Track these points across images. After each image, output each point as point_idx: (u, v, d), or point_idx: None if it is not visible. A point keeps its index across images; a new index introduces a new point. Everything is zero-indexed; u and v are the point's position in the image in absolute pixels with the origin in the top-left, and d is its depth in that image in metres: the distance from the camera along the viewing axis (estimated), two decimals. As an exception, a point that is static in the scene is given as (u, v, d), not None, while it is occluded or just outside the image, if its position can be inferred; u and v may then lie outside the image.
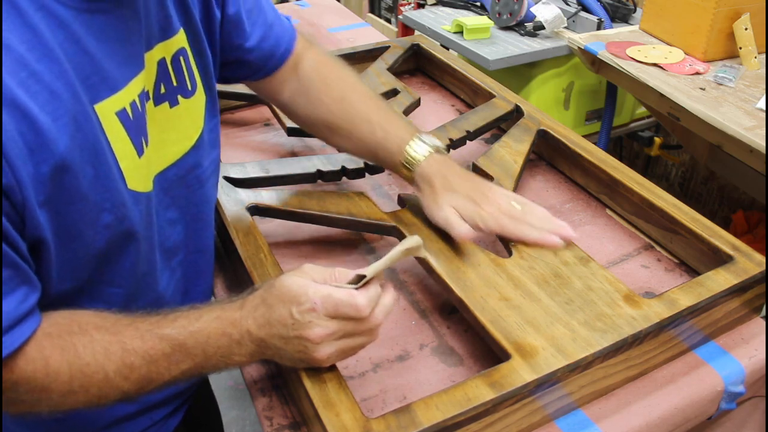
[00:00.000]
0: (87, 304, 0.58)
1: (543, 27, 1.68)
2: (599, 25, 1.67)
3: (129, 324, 0.56)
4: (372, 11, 3.35)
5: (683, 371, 0.69)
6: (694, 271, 0.81)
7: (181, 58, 0.66)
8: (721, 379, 0.68)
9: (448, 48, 1.64)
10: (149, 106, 0.61)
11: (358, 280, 0.58)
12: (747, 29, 1.40)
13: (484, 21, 1.69)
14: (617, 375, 0.66)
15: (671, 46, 1.51)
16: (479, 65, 1.58)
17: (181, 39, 0.66)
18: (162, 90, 0.63)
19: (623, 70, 1.43)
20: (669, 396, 0.66)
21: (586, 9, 1.73)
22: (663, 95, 1.34)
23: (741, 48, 1.42)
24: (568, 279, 0.71)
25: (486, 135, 1.07)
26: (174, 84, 0.65)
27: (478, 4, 1.87)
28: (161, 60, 0.63)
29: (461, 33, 1.71)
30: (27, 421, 0.65)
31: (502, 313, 0.67)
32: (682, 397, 0.66)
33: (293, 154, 1.09)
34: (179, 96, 0.66)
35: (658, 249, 0.86)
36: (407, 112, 1.09)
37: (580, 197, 0.97)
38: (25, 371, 0.51)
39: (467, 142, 1.01)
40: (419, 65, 1.36)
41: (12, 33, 0.47)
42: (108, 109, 0.54)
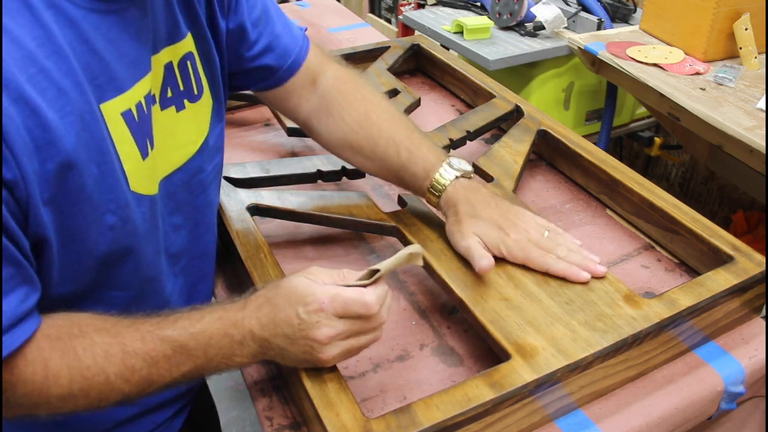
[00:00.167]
0: (89, 307, 0.57)
1: (543, 27, 1.68)
2: (599, 26, 1.67)
3: (129, 325, 0.56)
4: (372, 11, 3.35)
5: (683, 371, 0.69)
6: (694, 271, 0.81)
7: (189, 62, 0.66)
8: (721, 379, 0.68)
9: (448, 48, 1.64)
10: (156, 109, 0.61)
11: (370, 275, 0.58)
12: (747, 29, 1.40)
13: (484, 21, 1.69)
14: (617, 375, 0.66)
15: (671, 46, 1.51)
16: (479, 65, 1.58)
17: (189, 43, 0.65)
18: (169, 94, 0.63)
19: (623, 70, 1.43)
20: (669, 396, 0.66)
21: (586, 9, 1.73)
22: (663, 95, 1.34)
23: (741, 48, 1.42)
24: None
25: (486, 135, 1.07)
26: (181, 88, 0.65)
27: (478, 4, 1.87)
28: (168, 64, 0.63)
29: (461, 33, 1.71)
30: (26, 424, 0.65)
31: (502, 313, 0.67)
32: (682, 397, 0.66)
33: (293, 154, 1.09)
34: (186, 100, 0.66)
35: (658, 249, 0.86)
36: (407, 112, 1.09)
37: (580, 197, 0.97)
38: (24, 373, 0.51)
39: (467, 142, 1.01)
40: (419, 65, 1.36)
41: (23, 29, 0.47)
42: (114, 110, 0.54)
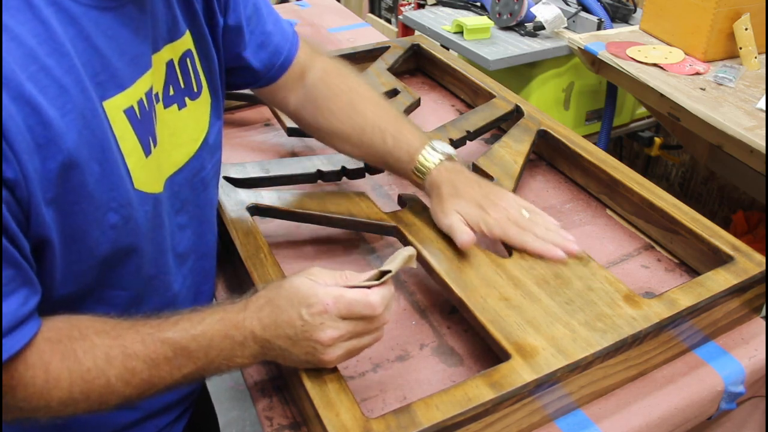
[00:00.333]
0: (90, 307, 0.57)
1: (543, 27, 1.68)
2: (599, 26, 1.67)
3: (130, 328, 0.55)
4: (372, 11, 3.35)
5: (683, 371, 0.69)
6: (694, 271, 0.81)
7: (188, 59, 0.66)
8: (721, 379, 0.68)
9: (448, 48, 1.64)
10: (159, 107, 0.61)
11: (380, 276, 0.58)
12: (747, 29, 1.40)
13: (484, 21, 1.69)
14: (617, 375, 0.66)
15: (671, 46, 1.51)
16: (479, 65, 1.58)
17: (187, 41, 0.65)
18: (171, 92, 0.63)
19: (623, 70, 1.43)
20: (669, 396, 0.66)
21: (586, 9, 1.73)
22: (663, 95, 1.34)
23: (741, 48, 1.42)
24: (568, 279, 0.71)
25: (486, 135, 1.07)
26: (182, 86, 0.65)
27: (478, 4, 1.87)
28: (169, 61, 0.63)
29: (461, 33, 1.71)
30: (26, 427, 0.64)
31: (502, 313, 0.67)
32: (682, 397, 0.66)
33: (293, 154, 1.09)
34: (187, 98, 0.66)
35: (658, 249, 0.86)
36: (407, 112, 1.09)
37: (580, 197, 0.97)
38: (24, 377, 0.50)
39: (467, 142, 1.01)
40: (419, 65, 1.36)
41: (23, 26, 0.47)
42: (116, 107, 0.54)
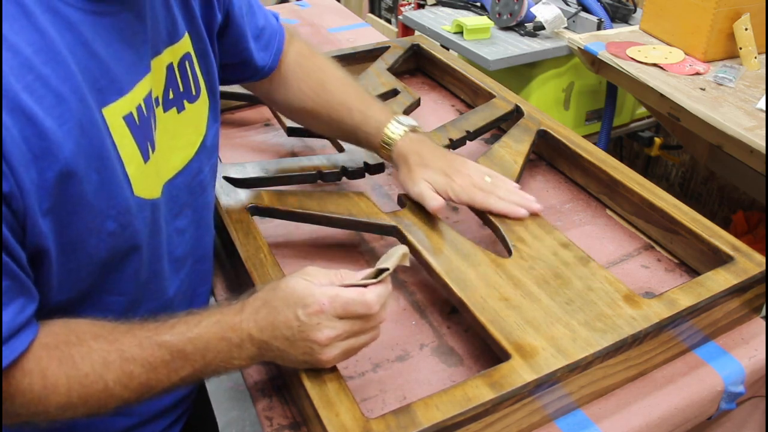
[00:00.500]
0: (87, 312, 0.57)
1: (543, 27, 1.68)
2: (599, 26, 1.67)
3: (127, 332, 0.55)
4: (372, 11, 3.35)
5: (683, 371, 0.69)
6: (694, 272, 0.81)
7: (187, 62, 0.66)
8: (721, 379, 0.68)
9: (448, 48, 1.64)
10: (159, 112, 0.61)
11: (377, 274, 0.58)
12: (747, 29, 1.40)
13: (484, 21, 1.69)
14: (617, 375, 0.66)
15: (671, 46, 1.51)
16: (479, 65, 1.58)
17: (186, 43, 0.65)
18: (171, 95, 0.63)
19: (623, 70, 1.43)
20: (669, 396, 0.66)
21: (586, 9, 1.73)
22: (663, 95, 1.34)
23: (741, 48, 1.42)
24: (568, 279, 0.71)
25: (486, 135, 1.07)
26: (181, 89, 0.65)
27: (478, 4, 1.87)
28: (170, 65, 0.62)
29: (461, 33, 1.71)
30: (24, 431, 0.64)
31: (502, 313, 0.67)
32: (682, 398, 0.66)
33: (293, 154, 1.09)
34: (185, 101, 0.66)
35: (658, 249, 0.86)
36: (407, 112, 1.09)
37: (580, 197, 0.97)
38: (22, 383, 0.50)
39: (467, 142, 1.01)
40: (419, 65, 1.36)
41: (19, 35, 0.46)
42: (116, 113, 0.54)
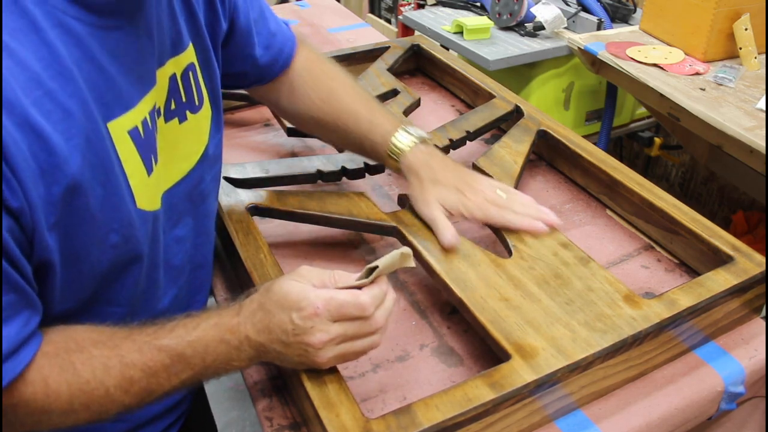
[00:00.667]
0: (85, 322, 0.57)
1: (543, 27, 1.68)
2: (599, 26, 1.67)
3: (126, 337, 0.55)
4: (372, 11, 3.35)
5: (683, 371, 0.69)
6: (694, 272, 0.81)
7: (191, 73, 0.65)
8: (721, 380, 0.68)
9: (448, 48, 1.64)
10: (160, 122, 0.61)
11: (368, 273, 0.58)
12: (747, 29, 1.40)
13: (484, 21, 1.69)
14: (617, 375, 0.66)
15: (671, 46, 1.51)
16: (479, 65, 1.58)
17: (191, 54, 0.65)
18: (173, 106, 0.63)
19: (623, 70, 1.43)
20: (669, 396, 0.66)
21: (586, 9, 1.73)
22: (663, 95, 1.34)
23: (741, 48, 1.42)
24: (568, 279, 0.71)
25: (486, 135, 1.07)
26: (183, 100, 0.65)
27: (478, 4, 1.87)
28: (172, 76, 0.62)
29: (461, 33, 1.71)
30: None
31: (502, 314, 0.67)
32: (682, 398, 0.66)
33: (293, 154, 1.09)
34: (187, 111, 0.65)
35: (658, 249, 0.86)
36: (407, 112, 1.09)
37: (580, 197, 0.97)
38: (24, 394, 0.51)
39: (467, 142, 1.01)
40: (419, 65, 1.36)
41: (28, 50, 0.46)
42: (121, 128, 0.54)
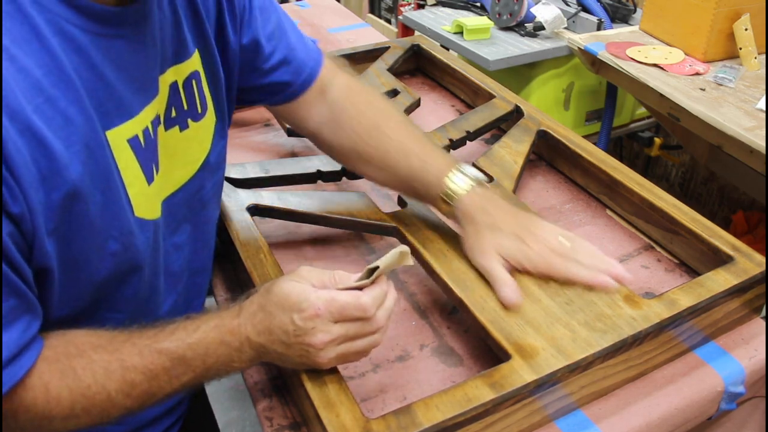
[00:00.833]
0: (85, 327, 0.57)
1: (543, 27, 1.68)
2: (599, 26, 1.67)
3: (126, 340, 0.55)
4: (372, 12, 3.35)
5: (683, 372, 0.69)
6: (694, 272, 0.81)
7: (194, 81, 0.65)
8: (721, 380, 0.68)
9: (448, 48, 1.64)
10: (160, 130, 0.61)
11: (369, 274, 0.57)
12: (747, 30, 1.40)
13: (484, 21, 1.69)
14: (617, 375, 0.66)
15: (671, 46, 1.51)
16: (479, 66, 1.58)
17: (195, 61, 0.65)
18: (173, 114, 0.63)
19: (623, 70, 1.43)
20: (669, 396, 0.66)
21: (586, 9, 1.73)
22: (663, 96, 1.34)
23: (741, 48, 1.42)
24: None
25: (486, 135, 1.07)
26: (185, 108, 0.64)
27: (478, 4, 1.87)
28: (173, 84, 0.62)
29: (461, 33, 1.71)
30: None
31: (502, 314, 0.67)
32: (682, 398, 0.66)
33: (293, 154, 1.09)
34: (189, 119, 0.65)
35: (658, 249, 0.86)
36: (407, 112, 1.09)
37: (580, 197, 0.97)
38: (25, 399, 0.51)
39: (467, 142, 1.01)
40: (419, 66, 1.36)
41: (30, 57, 0.46)
42: (120, 136, 0.54)
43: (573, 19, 1.72)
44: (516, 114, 1.05)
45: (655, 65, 1.42)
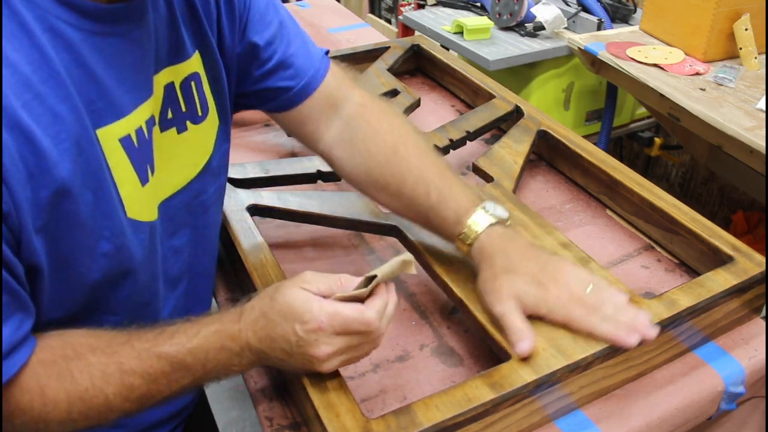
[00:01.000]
0: (80, 328, 0.57)
1: (543, 27, 1.68)
2: (599, 26, 1.67)
3: (125, 342, 0.55)
4: (372, 12, 3.35)
5: (683, 372, 0.69)
6: (694, 272, 0.81)
7: (193, 82, 0.64)
8: (721, 380, 0.68)
9: (448, 48, 1.64)
10: (155, 131, 0.60)
11: (367, 282, 0.56)
12: (747, 30, 1.40)
13: (484, 21, 1.69)
14: (617, 375, 0.66)
15: (671, 46, 1.51)
16: (479, 66, 1.58)
17: (195, 63, 0.64)
18: (169, 115, 0.62)
19: (623, 70, 1.43)
20: (669, 396, 0.66)
21: (586, 9, 1.73)
22: (663, 96, 1.34)
23: (741, 48, 1.42)
24: (568, 279, 0.71)
25: (486, 135, 1.07)
26: (183, 110, 0.63)
27: (478, 4, 1.87)
28: (169, 84, 0.61)
29: (461, 33, 1.71)
30: None
31: (502, 314, 0.67)
32: (682, 398, 0.66)
33: (293, 154, 1.09)
34: (188, 121, 0.64)
35: (658, 249, 0.86)
36: (407, 112, 1.09)
37: (580, 197, 0.97)
38: (21, 402, 0.50)
39: (467, 142, 1.01)
40: (419, 66, 1.36)
41: (19, 53, 0.46)
42: (110, 135, 0.53)
43: (573, 19, 1.72)
44: (516, 114, 1.05)
45: (655, 65, 1.42)
